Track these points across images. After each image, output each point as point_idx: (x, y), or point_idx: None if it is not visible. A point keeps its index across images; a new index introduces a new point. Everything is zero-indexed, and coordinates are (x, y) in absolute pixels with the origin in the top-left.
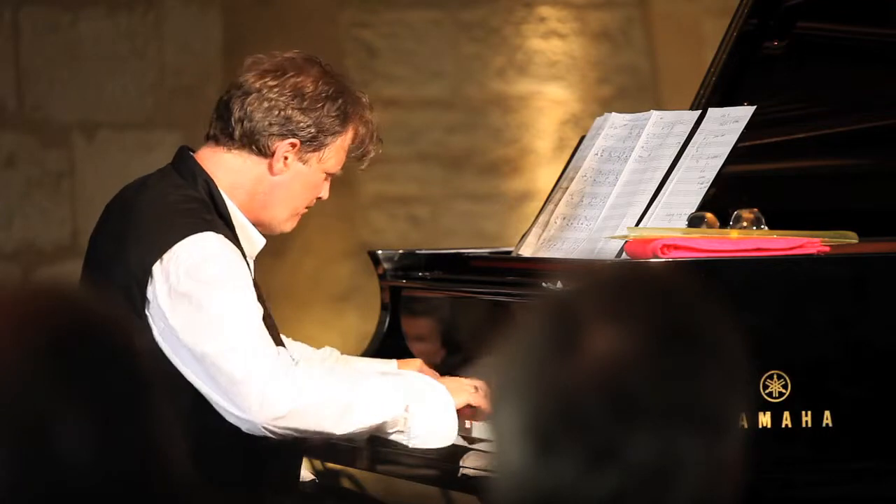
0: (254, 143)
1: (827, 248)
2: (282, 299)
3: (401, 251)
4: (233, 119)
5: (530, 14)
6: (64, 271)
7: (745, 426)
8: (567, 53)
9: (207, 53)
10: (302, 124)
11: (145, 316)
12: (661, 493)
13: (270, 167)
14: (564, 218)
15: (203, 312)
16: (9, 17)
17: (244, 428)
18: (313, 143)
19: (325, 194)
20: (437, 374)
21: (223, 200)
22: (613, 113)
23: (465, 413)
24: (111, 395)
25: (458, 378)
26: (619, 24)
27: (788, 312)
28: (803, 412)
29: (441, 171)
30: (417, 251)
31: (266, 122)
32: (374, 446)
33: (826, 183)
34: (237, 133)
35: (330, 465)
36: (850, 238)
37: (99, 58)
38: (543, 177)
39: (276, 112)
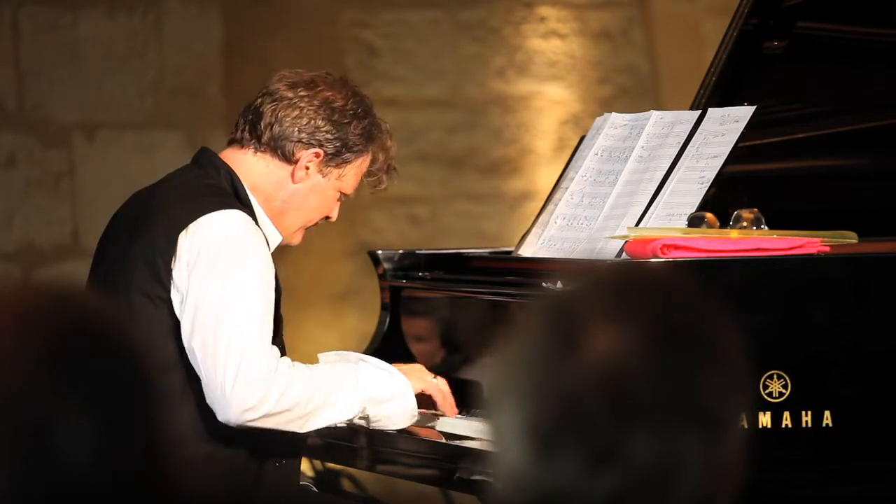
0: (280, 147)
1: (827, 248)
2: (282, 299)
3: (401, 251)
4: (262, 122)
5: (530, 14)
6: (64, 271)
7: (745, 426)
8: (567, 53)
9: (207, 53)
10: (329, 136)
11: (169, 288)
12: (661, 493)
13: (292, 174)
14: (564, 218)
15: (217, 292)
16: (9, 17)
17: (217, 414)
18: (336, 157)
19: (334, 215)
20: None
21: (245, 192)
22: (613, 113)
23: (428, 406)
24: (112, 394)
25: (421, 367)
26: (619, 24)
27: (788, 312)
28: (803, 412)
29: (441, 171)
30: (417, 251)
31: (295, 129)
32: (374, 446)
33: (826, 183)
34: (265, 136)
35: (330, 465)
36: (850, 238)
37: (99, 58)
38: (543, 177)
39: (306, 121)
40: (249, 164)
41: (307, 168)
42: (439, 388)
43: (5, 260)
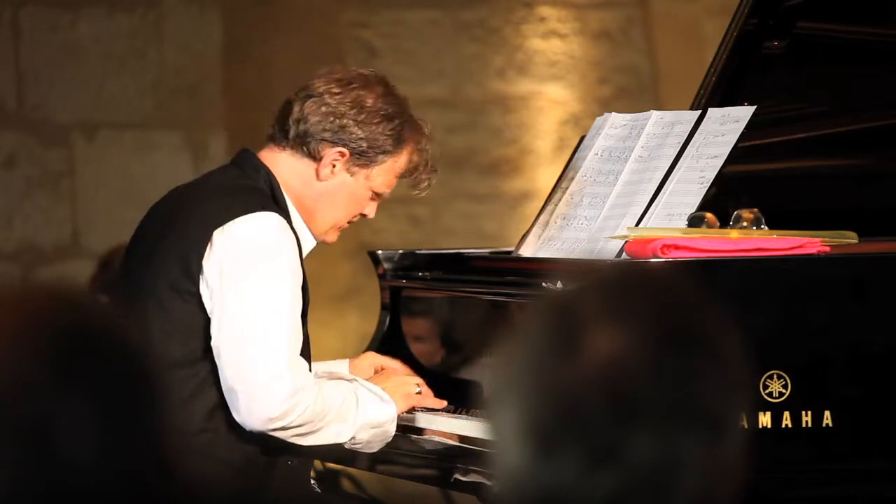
0: (305, 144)
1: (827, 248)
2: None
3: (401, 251)
4: (291, 118)
5: (530, 14)
6: (64, 271)
7: (745, 426)
8: (567, 53)
9: (207, 53)
10: (354, 136)
11: (199, 283)
12: (661, 493)
13: (318, 172)
14: (564, 218)
15: (249, 294)
16: (9, 17)
17: (236, 417)
18: (363, 157)
19: (370, 213)
20: (389, 362)
21: (282, 194)
22: (613, 113)
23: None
24: (113, 394)
25: (404, 379)
26: (619, 24)
27: (788, 312)
28: (803, 412)
29: (441, 171)
30: (417, 251)
31: (320, 127)
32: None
33: (826, 183)
34: (292, 133)
35: (330, 465)
36: (850, 238)
37: (99, 58)
38: (543, 177)
39: (332, 119)
40: (281, 162)
41: (333, 166)
42: (421, 398)
43: (5, 260)
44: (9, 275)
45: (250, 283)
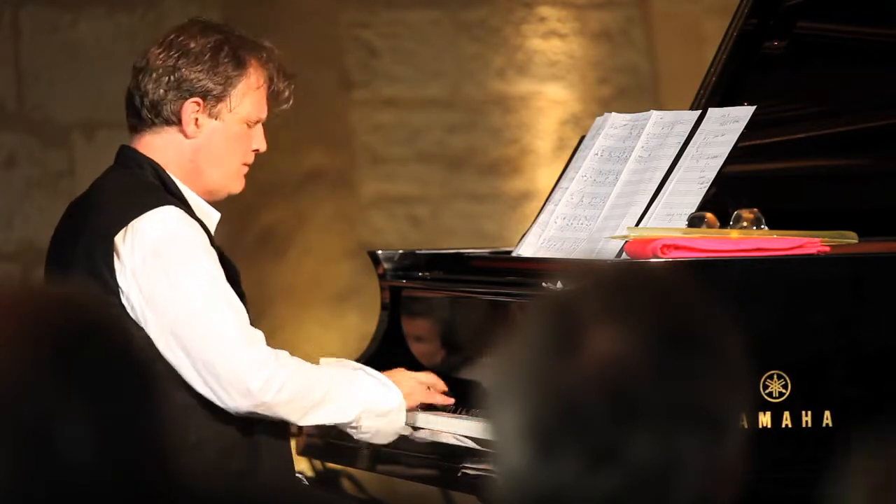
0: (160, 115)
1: (827, 248)
2: (282, 299)
3: (401, 251)
4: (136, 101)
5: (530, 14)
6: None
7: (745, 426)
8: (567, 53)
9: None
10: (196, 81)
11: (118, 293)
12: (661, 493)
13: (184, 133)
14: (564, 218)
15: (178, 291)
16: (9, 17)
17: (218, 403)
18: (215, 96)
19: (261, 145)
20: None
21: (172, 181)
22: (613, 113)
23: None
24: (112, 394)
25: (410, 374)
26: (619, 24)
27: (788, 312)
28: (803, 412)
29: (441, 171)
30: (417, 251)
31: (161, 91)
32: (374, 446)
33: (826, 183)
34: (144, 112)
35: (330, 465)
36: (850, 238)
37: (99, 58)
38: (543, 177)
39: (167, 78)
40: (152, 146)
41: (196, 120)
42: (432, 393)
43: (5, 260)
44: (9, 275)
45: (171, 280)
